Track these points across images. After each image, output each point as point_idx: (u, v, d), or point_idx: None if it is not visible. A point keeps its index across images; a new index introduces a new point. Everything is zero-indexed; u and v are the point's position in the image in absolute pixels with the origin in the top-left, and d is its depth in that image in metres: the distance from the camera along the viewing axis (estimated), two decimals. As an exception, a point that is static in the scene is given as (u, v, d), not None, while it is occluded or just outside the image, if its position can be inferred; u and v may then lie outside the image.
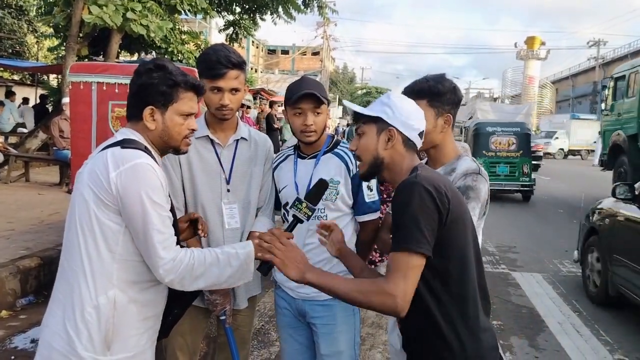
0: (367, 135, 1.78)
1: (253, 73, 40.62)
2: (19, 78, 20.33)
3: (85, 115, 4.78)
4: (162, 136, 1.78)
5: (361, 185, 2.28)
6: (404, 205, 1.56)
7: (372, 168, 1.79)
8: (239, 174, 2.33)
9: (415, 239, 1.52)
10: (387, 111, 1.75)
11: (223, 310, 2.24)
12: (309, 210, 1.94)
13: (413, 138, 1.77)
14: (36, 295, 4.84)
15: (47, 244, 5.50)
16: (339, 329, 2.27)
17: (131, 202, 1.61)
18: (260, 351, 3.97)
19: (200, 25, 30.53)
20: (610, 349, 4.31)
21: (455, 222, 1.59)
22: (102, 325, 1.63)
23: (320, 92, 2.23)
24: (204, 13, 12.16)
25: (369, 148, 1.78)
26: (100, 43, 11.02)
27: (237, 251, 1.80)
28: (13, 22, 19.82)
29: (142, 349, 1.74)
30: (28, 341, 3.95)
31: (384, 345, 4.16)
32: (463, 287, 1.61)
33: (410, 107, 1.79)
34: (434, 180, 1.60)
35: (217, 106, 2.20)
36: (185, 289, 1.72)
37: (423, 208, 1.53)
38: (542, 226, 9.43)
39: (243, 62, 2.22)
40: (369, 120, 1.78)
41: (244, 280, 1.83)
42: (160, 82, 1.73)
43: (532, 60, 50.07)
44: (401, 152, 1.76)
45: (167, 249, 1.65)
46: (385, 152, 1.76)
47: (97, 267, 1.63)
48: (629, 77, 11.48)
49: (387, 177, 1.81)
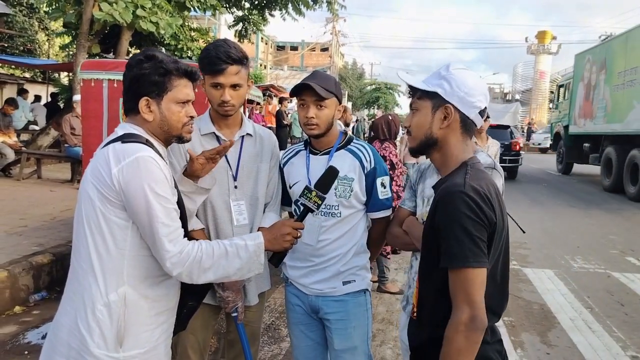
0: (421, 112, 1.66)
1: (262, 69, 40.61)
2: (30, 76, 20.47)
3: (96, 112, 4.81)
4: (161, 126, 1.76)
5: (375, 182, 2.27)
6: (452, 217, 1.48)
7: (423, 146, 1.68)
8: (246, 170, 2.33)
9: (472, 253, 1.45)
10: (445, 86, 1.61)
11: (235, 307, 2.24)
12: (318, 199, 1.93)
13: (473, 117, 1.63)
14: (49, 291, 4.89)
15: (60, 240, 5.55)
16: (353, 325, 2.27)
17: (134, 196, 1.59)
18: (270, 347, 3.98)
19: (210, 22, 30.58)
20: (622, 345, 4.27)
21: (499, 232, 1.53)
22: (113, 322, 1.63)
23: (325, 85, 2.19)
24: (213, 10, 12.18)
25: (422, 126, 1.65)
26: (110, 40, 11.06)
27: (247, 243, 1.79)
28: (24, 20, 19.95)
29: (155, 344, 1.73)
30: (41, 337, 3.99)
31: (395, 341, 4.15)
32: (496, 291, 1.57)
33: (471, 80, 1.64)
34: (481, 188, 1.51)
35: (218, 102, 2.19)
36: (194, 282, 1.72)
37: (473, 219, 1.46)
38: (553, 222, 9.40)
39: (244, 58, 2.19)
40: (424, 95, 1.65)
41: (255, 272, 1.82)
42: (152, 72, 1.71)
43: (543, 55, 49.69)
44: (457, 134, 1.63)
45: (173, 242, 1.64)
46: (440, 132, 1.63)
47: (107, 265, 1.63)
48: (566, 85, 18.26)
49: (436, 158, 1.70)
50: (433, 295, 1.62)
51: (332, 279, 2.26)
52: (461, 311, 1.44)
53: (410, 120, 1.70)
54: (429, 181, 2.15)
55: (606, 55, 14.47)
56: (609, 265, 6.69)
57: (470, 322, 1.43)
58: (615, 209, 11.18)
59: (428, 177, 2.17)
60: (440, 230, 1.51)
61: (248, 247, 1.78)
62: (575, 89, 16.78)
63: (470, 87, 1.61)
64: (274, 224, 1.95)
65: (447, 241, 1.48)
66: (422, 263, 1.71)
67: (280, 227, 1.90)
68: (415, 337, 1.74)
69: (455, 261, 1.46)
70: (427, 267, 1.66)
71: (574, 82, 16.95)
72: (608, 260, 6.93)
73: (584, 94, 15.95)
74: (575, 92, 16.75)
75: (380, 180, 2.28)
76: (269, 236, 1.86)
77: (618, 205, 11.72)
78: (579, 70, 16.63)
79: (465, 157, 1.63)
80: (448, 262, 1.48)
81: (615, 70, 13.64)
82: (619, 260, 6.94)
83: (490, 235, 1.50)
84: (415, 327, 1.74)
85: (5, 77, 18.12)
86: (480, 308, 1.45)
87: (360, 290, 2.30)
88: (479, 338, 1.46)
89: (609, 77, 14.09)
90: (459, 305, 1.46)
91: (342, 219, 2.25)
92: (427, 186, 2.14)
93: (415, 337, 1.74)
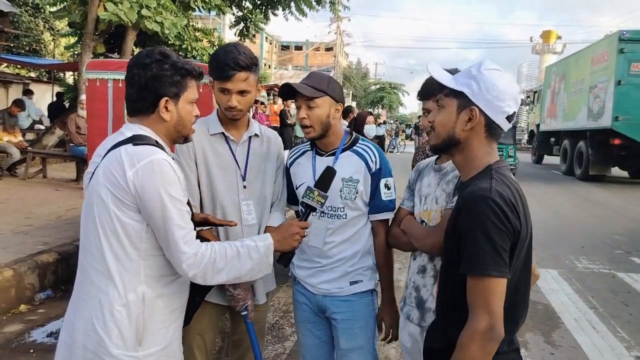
0: (446, 111, 1.59)
1: (267, 69, 40.64)
2: (35, 75, 20.55)
3: (101, 112, 4.83)
4: (176, 126, 1.78)
5: (379, 183, 2.24)
6: (476, 223, 1.43)
7: (445, 145, 1.63)
8: (254, 170, 2.34)
9: (493, 262, 1.40)
10: (473, 86, 1.54)
11: (245, 305, 2.24)
12: (321, 198, 1.95)
13: (499, 122, 1.56)
14: (54, 290, 4.91)
15: (65, 239, 5.57)
16: (360, 324, 2.27)
17: (150, 199, 1.60)
18: (274, 346, 3.99)
19: (214, 22, 30.61)
20: (627, 345, 4.26)
21: (522, 241, 1.49)
22: (132, 321, 1.64)
23: (314, 84, 2.17)
24: (218, 10, 12.19)
25: (445, 125, 1.59)
26: (115, 40, 11.11)
27: (257, 244, 1.81)
28: (30, 19, 20.04)
29: (170, 341, 1.76)
30: (46, 335, 4.01)
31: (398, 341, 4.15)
32: (516, 302, 1.53)
33: (502, 83, 1.54)
34: (507, 193, 1.46)
35: (225, 107, 2.21)
36: (207, 283, 1.74)
37: (498, 226, 1.41)
38: (557, 222, 9.39)
39: (253, 64, 2.18)
40: (451, 93, 1.58)
41: (264, 272, 1.84)
42: (173, 73, 1.72)
43: (548, 54, 49.61)
44: (481, 137, 1.57)
45: (188, 244, 1.65)
46: (462, 134, 1.57)
47: (125, 266, 1.64)
48: (538, 91, 23.98)
49: (458, 159, 1.64)
50: (451, 300, 1.59)
51: (339, 279, 2.26)
52: (479, 319, 1.40)
53: (435, 116, 1.65)
54: (425, 180, 2.15)
55: (565, 69, 18.98)
56: (614, 265, 6.67)
57: (487, 332, 1.39)
58: (568, 184, 15.32)
59: (425, 175, 2.16)
60: (463, 235, 1.47)
61: (259, 248, 1.80)
62: (544, 94, 21.60)
63: (500, 90, 1.53)
64: (281, 225, 1.97)
65: (469, 247, 1.44)
66: (443, 266, 1.69)
67: (288, 228, 1.92)
68: (430, 339, 1.71)
69: (475, 268, 1.42)
70: (447, 270, 1.64)
71: (544, 89, 21.90)
72: (613, 260, 6.91)
73: (551, 98, 20.61)
74: (544, 97, 21.53)
75: (384, 181, 2.26)
76: (277, 237, 1.88)
77: (569, 183, 15.79)
78: (548, 79, 21.42)
79: (490, 160, 1.58)
80: (467, 269, 1.45)
81: (571, 81, 18.10)
82: (623, 261, 6.92)
83: (514, 244, 1.45)
84: (432, 330, 1.72)
85: (11, 76, 18.20)
86: (499, 318, 1.40)
87: (367, 291, 2.30)
88: (493, 349, 1.42)
89: (566, 85, 18.61)
90: (477, 312, 1.42)
91: (347, 220, 2.25)
92: (424, 185, 2.14)
93: (430, 340, 1.71)
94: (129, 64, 1.77)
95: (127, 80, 1.76)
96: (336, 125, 2.28)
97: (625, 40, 14.16)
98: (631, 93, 14.05)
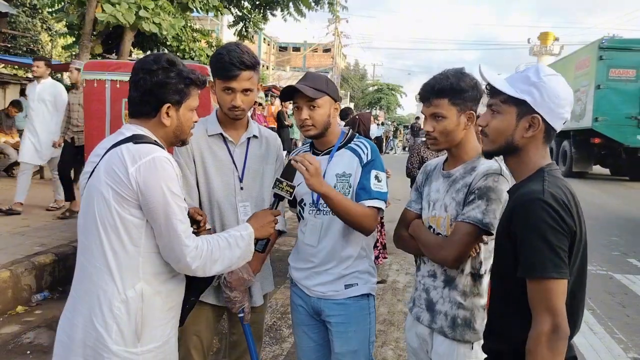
0: (504, 117, 1.56)
1: (265, 70, 40.65)
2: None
3: (99, 113, 4.83)
4: (175, 131, 1.83)
5: (370, 173, 2.21)
6: (531, 226, 1.41)
7: (501, 151, 1.62)
8: (252, 172, 2.33)
9: (552, 263, 1.39)
10: (535, 94, 1.51)
11: (242, 307, 2.24)
12: (290, 188, 2.03)
13: (558, 128, 1.55)
14: (51, 291, 4.90)
15: (62, 240, 5.56)
16: (353, 328, 2.25)
17: (153, 194, 1.64)
18: (272, 347, 3.99)
19: (212, 23, 30.60)
20: (624, 347, 4.27)
21: (578, 242, 1.47)
22: (131, 318, 1.67)
23: (315, 85, 2.18)
24: (216, 11, 12.18)
25: (503, 132, 1.57)
26: (113, 41, 11.09)
27: (241, 233, 1.89)
28: (27, 20, 20.00)
29: (167, 338, 1.79)
30: (43, 336, 4.00)
31: (396, 342, 4.16)
32: (573, 306, 1.49)
33: (563, 90, 1.53)
34: (561, 195, 1.45)
35: (229, 106, 2.21)
36: (206, 274, 1.79)
37: (553, 227, 1.39)
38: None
39: (256, 63, 2.20)
40: (509, 100, 1.55)
41: (247, 259, 1.92)
42: (178, 81, 1.77)
43: (545, 56, 49.71)
44: (539, 143, 1.56)
45: (189, 238, 1.71)
46: (522, 140, 1.55)
47: (124, 262, 1.67)
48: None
49: (512, 164, 1.63)
50: (505, 305, 1.58)
51: (334, 282, 2.25)
52: (542, 322, 1.39)
53: (489, 121, 1.61)
54: (434, 185, 2.12)
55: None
56: (611, 266, 6.68)
57: (553, 332, 1.38)
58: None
59: (434, 180, 2.14)
60: (517, 239, 1.45)
61: (243, 237, 1.89)
62: None
63: (561, 97, 1.52)
64: (256, 214, 2.06)
65: (526, 250, 1.43)
66: (495, 267, 1.68)
67: (264, 216, 2.02)
68: (491, 342, 1.68)
69: (535, 271, 1.41)
70: (501, 276, 1.62)
71: None
72: (610, 261, 6.93)
73: None
74: None
75: (375, 172, 2.22)
76: (256, 225, 1.97)
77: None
78: None
79: (543, 163, 1.57)
80: (526, 272, 1.43)
81: None
82: (621, 262, 6.94)
83: (570, 245, 1.44)
84: (486, 336, 1.71)
85: (8, 77, 18.14)
86: (563, 316, 1.39)
87: (363, 295, 2.28)
88: (563, 348, 1.39)
89: None
90: (540, 315, 1.40)
91: None
92: (433, 190, 2.11)
93: (491, 343, 1.68)
94: (135, 66, 1.80)
95: (132, 82, 1.80)
96: (334, 124, 2.31)
97: (605, 48, 15.44)
98: (609, 96, 15.46)
